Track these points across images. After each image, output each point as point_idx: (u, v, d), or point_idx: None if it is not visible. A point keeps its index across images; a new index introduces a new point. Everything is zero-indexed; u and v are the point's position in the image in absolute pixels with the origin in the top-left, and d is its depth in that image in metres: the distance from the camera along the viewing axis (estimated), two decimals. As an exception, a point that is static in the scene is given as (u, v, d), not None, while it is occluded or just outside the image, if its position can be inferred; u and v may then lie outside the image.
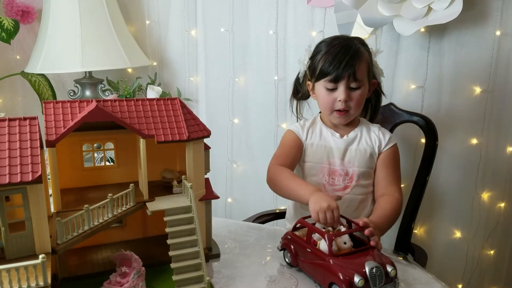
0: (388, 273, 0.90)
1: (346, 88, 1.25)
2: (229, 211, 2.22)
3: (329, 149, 1.31)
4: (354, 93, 1.26)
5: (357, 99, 1.26)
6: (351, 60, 1.23)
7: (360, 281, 0.86)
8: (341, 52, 1.24)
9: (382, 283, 0.89)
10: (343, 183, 1.30)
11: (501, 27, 1.59)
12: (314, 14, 1.84)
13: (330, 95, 1.27)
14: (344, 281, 0.87)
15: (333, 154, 1.30)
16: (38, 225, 0.78)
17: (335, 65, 1.23)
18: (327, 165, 1.31)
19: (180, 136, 1.00)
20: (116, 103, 1.01)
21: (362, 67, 1.25)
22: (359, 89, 1.26)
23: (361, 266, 0.89)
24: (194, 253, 0.92)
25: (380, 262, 0.91)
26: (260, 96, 2.03)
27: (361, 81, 1.25)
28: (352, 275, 0.87)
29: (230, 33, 2.03)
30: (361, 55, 1.26)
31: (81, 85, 2.12)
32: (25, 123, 0.82)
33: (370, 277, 0.87)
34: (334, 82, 1.25)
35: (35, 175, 0.73)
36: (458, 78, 1.68)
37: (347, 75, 1.23)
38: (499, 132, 1.69)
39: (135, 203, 0.99)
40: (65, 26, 1.90)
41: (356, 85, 1.25)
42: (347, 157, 1.30)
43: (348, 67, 1.22)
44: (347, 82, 1.24)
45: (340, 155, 1.30)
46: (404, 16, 1.57)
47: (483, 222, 1.78)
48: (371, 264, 0.89)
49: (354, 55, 1.24)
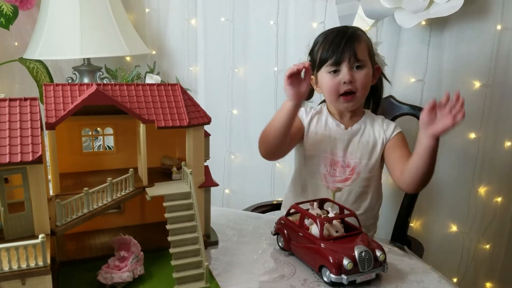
0: (377, 257, 0.92)
1: (349, 69, 1.24)
2: (226, 202, 2.21)
3: (333, 139, 1.30)
4: (358, 73, 1.24)
5: (362, 79, 1.24)
6: (349, 41, 1.23)
7: (349, 264, 0.88)
8: (338, 36, 1.25)
9: (371, 267, 0.91)
10: (344, 174, 1.29)
11: (502, 22, 1.59)
12: (315, 5, 1.83)
13: (334, 79, 1.26)
14: (334, 264, 0.89)
15: (336, 145, 1.30)
16: (37, 206, 0.77)
17: (334, 48, 1.23)
18: (330, 156, 1.30)
19: (181, 122, 0.99)
20: (116, 87, 1.00)
21: (362, 47, 1.25)
22: (362, 69, 1.25)
23: (350, 250, 0.90)
24: (193, 238, 0.92)
25: (370, 246, 0.92)
26: (260, 87, 2.03)
27: (363, 60, 1.25)
28: (342, 258, 0.89)
29: (230, 22, 2.02)
30: (359, 36, 1.26)
31: (79, 72, 2.11)
32: (25, 104, 0.81)
33: (359, 261, 0.89)
34: (336, 65, 1.24)
35: (36, 155, 0.73)
36: (457, 72, 1.68)
37: (347, 56, 1.23)
38: (497, 127, 1.70)
39: (135, 188, 0.98)
40: (65, 13, 1.88)
41: (358, 63, 1.24)
42: (350, 148, 1.30)
43: (348, 47, 1.22)
44: (349, 62, 1.23)
45: (343, 146, 1.30)
46: (406, 8, 1.57)
47: (479, 216, 1.79)
48: (360, 248, 0.91)
49: (351, 36, 1.24)
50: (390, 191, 1.85)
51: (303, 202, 1.09)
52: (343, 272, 0.89)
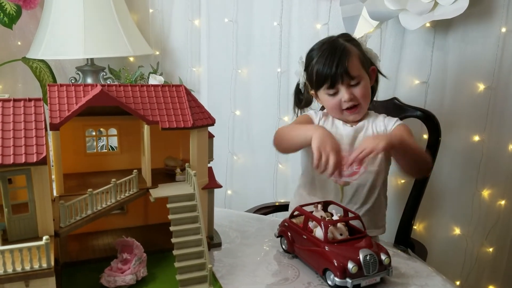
0: (382, 261, 0.91)
1: (347, 88, 1.26)
2: (228, 203, 2.21)
3: (339, 136, 1.32)
4: (355, 89, 1.27)
5: (361, 93, 1.27)
6: (340, 61, 1.23)
7: (354, 268, 0.87)
8: (329, 57, 1.25)
9: (376, 271, 0.90)
10: (351, 169, 1.30)
11: (507, 24, 1.59)
12: (319, 6, 1.83)
13: (335, 99, 1.29)
14: (338, 267, 0.88)
15: (343, 141, 1.31)
16: (41, 207, 0.77)
17: (327, 71, 1.25)
18: None
19: (185, 123, 0.99)
20: (121, 88, 1.00)
21: (354, 63, 1.26)
22: (359, 84, 1.27)
23: (355, 253, 0.90)
24: (196, 240, 0.92)
25: (375, 250, 0.92)
26: (263, 88, 2.03)
27: (358, 76, 1.26)
28: (346, 261, 0.88)
29: (234, 23, 2.02)
30: (349, 51, 1.26)
31: (82, 72, 2.11)
32: (30, 104, 0.81)
33: (363, 264, 0.88)
34: (332, 87, 1.27)
35: (40, 156, 0.73)
36: (462, 74, 1.68)
37: (341, 78, 1.24)
38: (501, 130, 1.69)
39: (138, 189, 0.98)
40: (68, 13, 1.88)
41: (354, 81, 1.26)
42: (356, 144, 1.31)
43: (340, 69, 1.23)
44: (345, 82, 1.26)
45: (349, 141, 1.32)
46: (410, 10, 1.56)
47: (482, 219, 1.78)
48: (365, 252, 0.90)
49: (342, 55, 1.24)
50: (394, 194, 1.85)
51: (307, 205, 1.09)
52: (347, 275, 0.88)
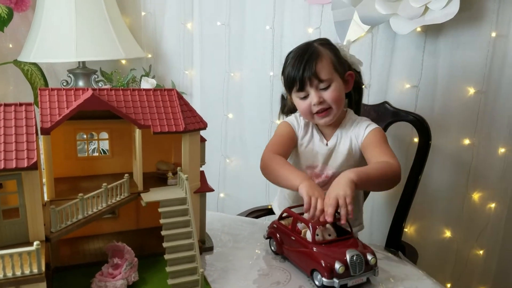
0: (368, 261, 0.93)
1: (316, 91, 1.24)
2: (221, 206, 2.21)
3: (315, 153, 1.33)
4: (325, 92, 1.24)
5: (331, 97, 1.24)
6: (308, 64, 1.22)
7: (341, 268, 0.89)
8: (298, 60, 1.24)
9: (362, 271, 0.92)
10: (323, 182, 1.33)
11: (497, 29, 1.60)
12: (311, 10, 1.84)
13: (305, 102, 1.27)
14: (326, 268, 0.90)
15: (317, 159, 1.33)
16: (32, 212, 0.77)
17: (295, 74, 1.24)
18: (311, 169, 1.34)
19: (177, 128, 0.99)
20: (112, 92, 1.00)
21: (324, 66, 1.24)
22: (329, 88, 1.25)
23: (342, 254, 0.92)
24: (188, 244, 0.92)
25: (361, 250, 0.94)
26: (255, 92, 2.03)
27: (328, 79, 1.24)
28: (334, 262, 0.90)
29: (226, 27, 2.02)
30: (319, 54, 1.25)
31: (74, 75, 2.10)
32: (21, 109, 0.80)
33: (350, 265, 0.91)
34: (301, 90, 1.26)
35: (31, 161, 0.72)
36: (452, 79, 1.69)
37: (309, 80, 1.23)
38: (491, 133, 1.70)
39: (130, 193, 0.98)
40: (60, 15, 1.88)
41: (324, 85, 1.24)
42: (330, 162, 1.32)
43: (308, 72, 1.22)
44: (313, 85, 1.24)
45: (323, 160, 1.32)
46: (401, 15, 1.58)
47: (473, 222, 1.80)
48: (352, 252, 0.92)
49: (310, 57, 1.23)
50: (385, 198, 1.86)
51: (295, 207, 1.10)
52: (334, 275, 0.90)
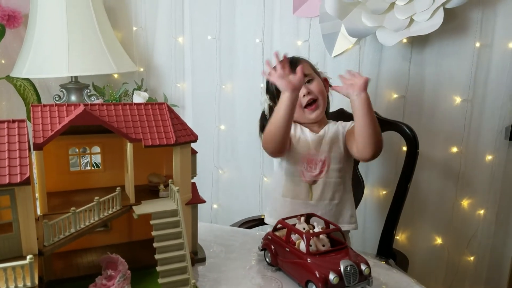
0: (362, 271, 0.94)
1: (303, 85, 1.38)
2: (214, 217, 2.22)
3: (308, 142, 1.43)
4: (310, 85, 1.42)
5: (317, 88, 1.42)
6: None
7: (335, 279, 0.90)
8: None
9: (356, 281, 0.93)
10: (318, 169, 1.42)
11: (481, 39, 1.65)
12: (299, 23, 1.88)
13: None
14: (320, 278, 0.91)
15: (310, 146, 1.43)
16: (25, 226, 0.78)
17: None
18: (307, 155, 1.42)
19: (168, 141, 1.01)
20: (104, 107, 1.02)
21: (305, 66, 1.42)
22: (313, 80, 1.43)
23: (336, 265, 0.93)
24: (180, 256, 0.93)
25: (355, 261, 0.95)
26: (246, 103, 2.05)
27: (310, 74, 1.43)
28: (328, 272, 0.91)
29: (217, 40, 2.05)
30: (299, 61, 1.43)
31: (66, 90, 2.11)
32: (13, 126, 0.82)
33: (344, 275, 0.91)
34: None
35: (23, 176, 0.74)
36: (439, 88, 1.73)
37: None
38: (478, 141, 1.74)
39: (122, 206, 0.99)
40: (52, 31, 1.90)
41: (307, 78, 1.42)
42: (321, 147, 1.43)
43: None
44: None
45: (315, 146, 1.43)
46: (387, 27, 1.61)
47: (463, 229, 1.82)
48: (346, 263, 0.93)
49: (293, 61, 1.40)
50: (375, 205, 1.89)
51: (289, 218, 1.11)
52: (329, 286, 0.90)
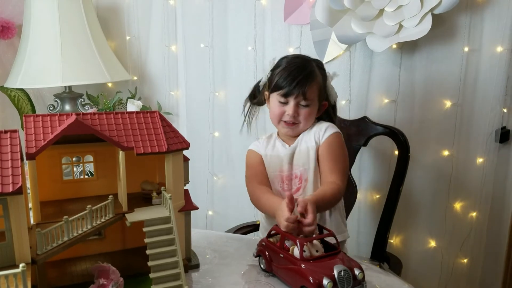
0: (355, 276, 0.95)
1: (296, 104, 1.33)
2: (209, 223, 2.23)
3: (280, 158, 1.39)
4: (302, 110, 1.34)
5: (305, 115, 1.34)
6: (303, 79, 1.30)
7: (329, 284, 0.91)
8: (296, 70, 1.32)
9: (350, 286, 0.94)
10: (295, 186, 1.38)
11: (469, 44, 1.67)
12: (291, 31, 1.90)
13: (281, 108, 1.35)
14: (314, 284, 0.91)
15: (283, 162, 1.38)
16: (18, 235, 0.79)
17: (288, 81, 1.31)
18: (279, 173, 1.38)
19: (159, 148, 1.02)
20: (96, 116, 1.03)
21: (313, 88, 1.33)
22: (307, 107, 1.34)
23: (330, 270, 0.93)
24: (173, 263, 0.94)
25: (348, 265, 0.95)
26: (240, 110, 2.06)
27: (311, 100, 1.33)
28: (322, 278, 0.91)
29: (210, 48, 2.07)
30: (315, 76, 1.34)
31: (60, 100, 2.12)
32: (6, 136, 0.83)
33: (338, 280, 0.92)
34: (285, 97, 1.33)
35: (16, 186, 0.75)
36: (429, 92, 1.75)
37: (297, 93, 1.31)
38: (469, 144, 1.76)
39: (114, 214, 1.00)
40: (45, 41, 1.91)
41: (305, 103, 1.33)
42: (294, 161, 1.38)
43: (300, 86, 1.30)
44: (297, 99, 1.32)
45: (288, 160, 1.38)
46: (377, 33, 1.63)
47: (456, 231, 1.83)
48: (339, 268, 0.93)
49: (308, 75, 1.32)
50: (369, 210, 1.90)
51: None
52: None
